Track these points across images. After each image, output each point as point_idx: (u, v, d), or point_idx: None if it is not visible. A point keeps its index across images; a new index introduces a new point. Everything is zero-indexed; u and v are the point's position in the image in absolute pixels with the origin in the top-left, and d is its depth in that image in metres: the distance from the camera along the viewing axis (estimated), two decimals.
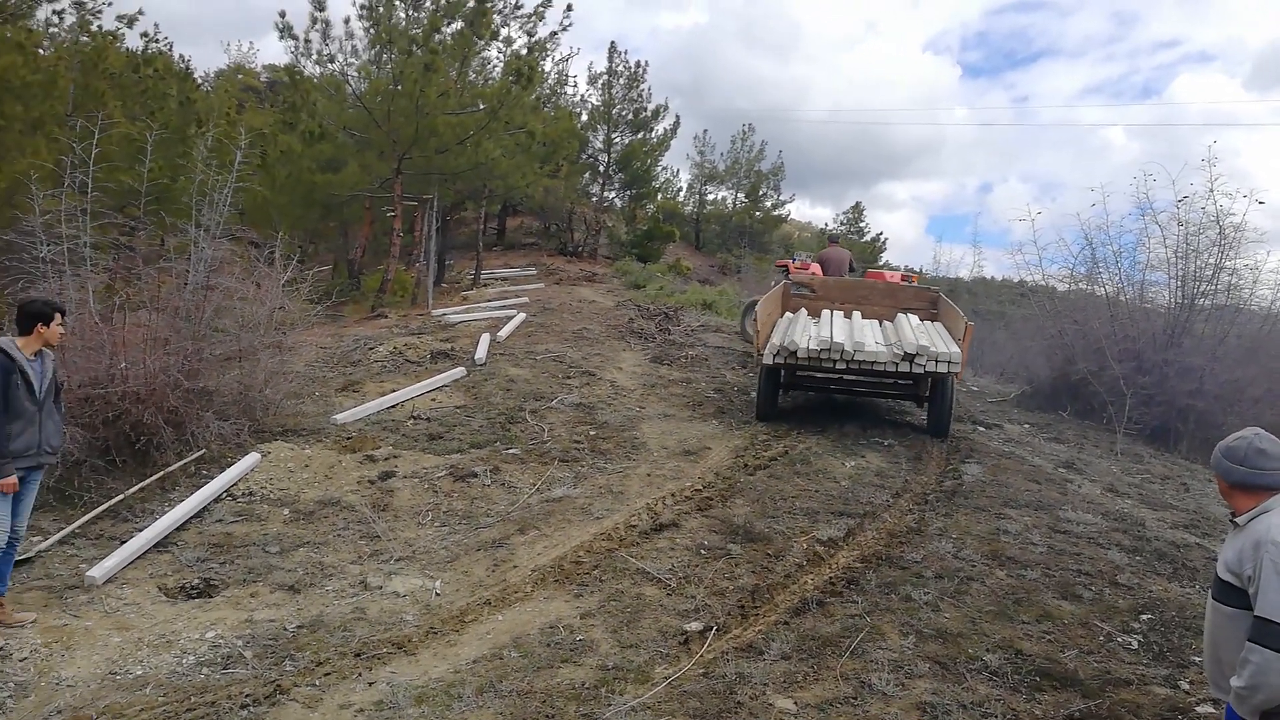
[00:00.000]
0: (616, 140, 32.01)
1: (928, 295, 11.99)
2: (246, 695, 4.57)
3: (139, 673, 4.79)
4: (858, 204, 37.72)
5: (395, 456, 8.43)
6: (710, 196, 38.28)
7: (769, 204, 37.81)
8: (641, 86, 31.16)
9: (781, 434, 9.63)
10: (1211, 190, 12.52)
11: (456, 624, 5.51)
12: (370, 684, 4.76)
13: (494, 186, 25.67)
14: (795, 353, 9.48)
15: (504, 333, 14.63)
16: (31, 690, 4.55)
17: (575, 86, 32.91)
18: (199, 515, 6.97)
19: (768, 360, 9.70)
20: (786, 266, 14.94)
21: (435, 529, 7.10)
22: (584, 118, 31.15)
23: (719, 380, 12.38)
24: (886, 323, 11.07)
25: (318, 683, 4.75)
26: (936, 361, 9.32)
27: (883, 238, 42.67)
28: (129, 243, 8.84)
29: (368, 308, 20.79)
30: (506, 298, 20.67)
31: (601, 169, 32.37)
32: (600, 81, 30.99)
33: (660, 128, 32.27)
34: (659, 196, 35.59)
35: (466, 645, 5.24)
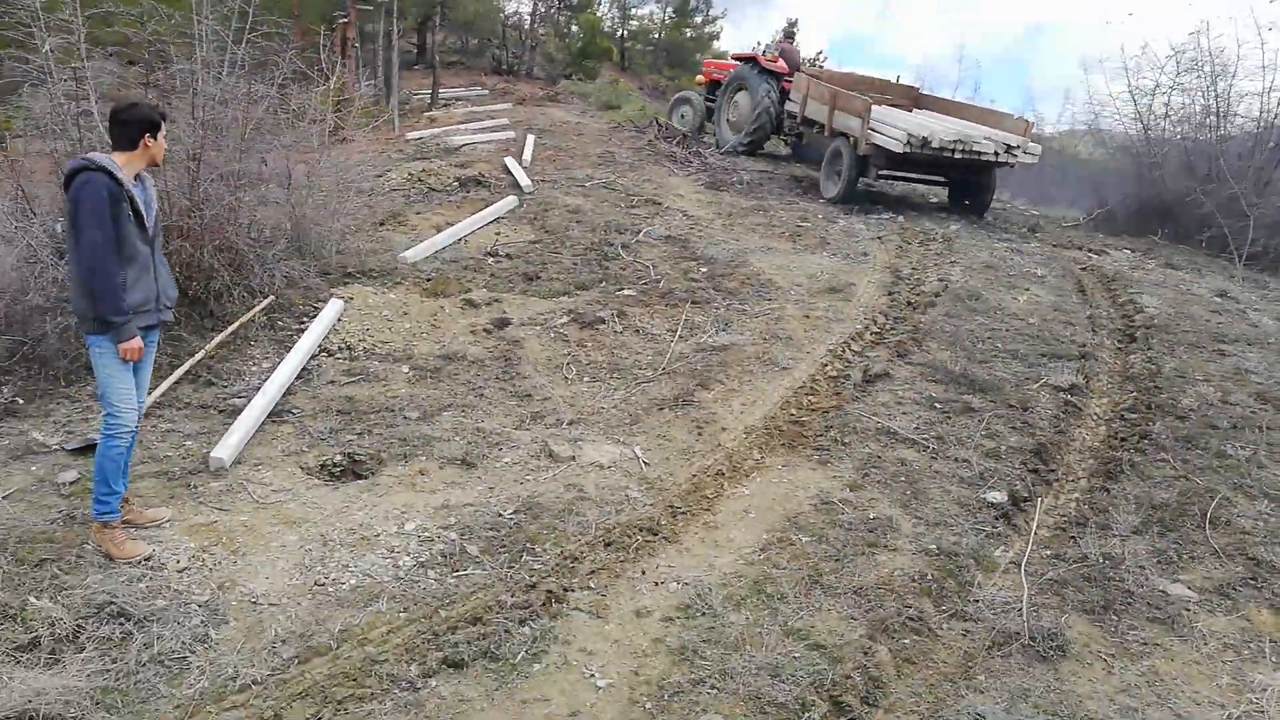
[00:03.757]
0: None
1: (911, 92, 14.19)
2: (512, 605, 3.69)
3: (352, 582, 3.84)
4: (794, 21, 34.83)
5: (498, 301, 7.30)
6: (635, 12, 35.12)
7: (699, 20, 34.97)
8: None
9: (920, 268, 8.78)
10: None
11: (699, 500, 4.67)
12: (656, 583, 3.93)
13: None
14: (930, 141, 10.48)
15: (527, 156, 13.16)
16: (228, 613, 3.57)
17: None
18: (301, 376, 5.83)
19: (897, 149, 10.61)
20: (755, 59, 15.27)
21: (587, 385, 6.13)
22: None
23: (796, 208, 11.36)
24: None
25: (592, 585, 3.89)
26: (1026, 152, 11.04)
27: (822, 56, 39.93)
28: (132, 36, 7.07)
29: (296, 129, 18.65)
30: (479, 119, 18.72)
31: None
32: None
33: None
34: (585, 12, 32.59)
35: (733, 528, 4.42)
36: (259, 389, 5.51)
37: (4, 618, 3.32)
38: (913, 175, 12.45)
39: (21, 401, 5.24)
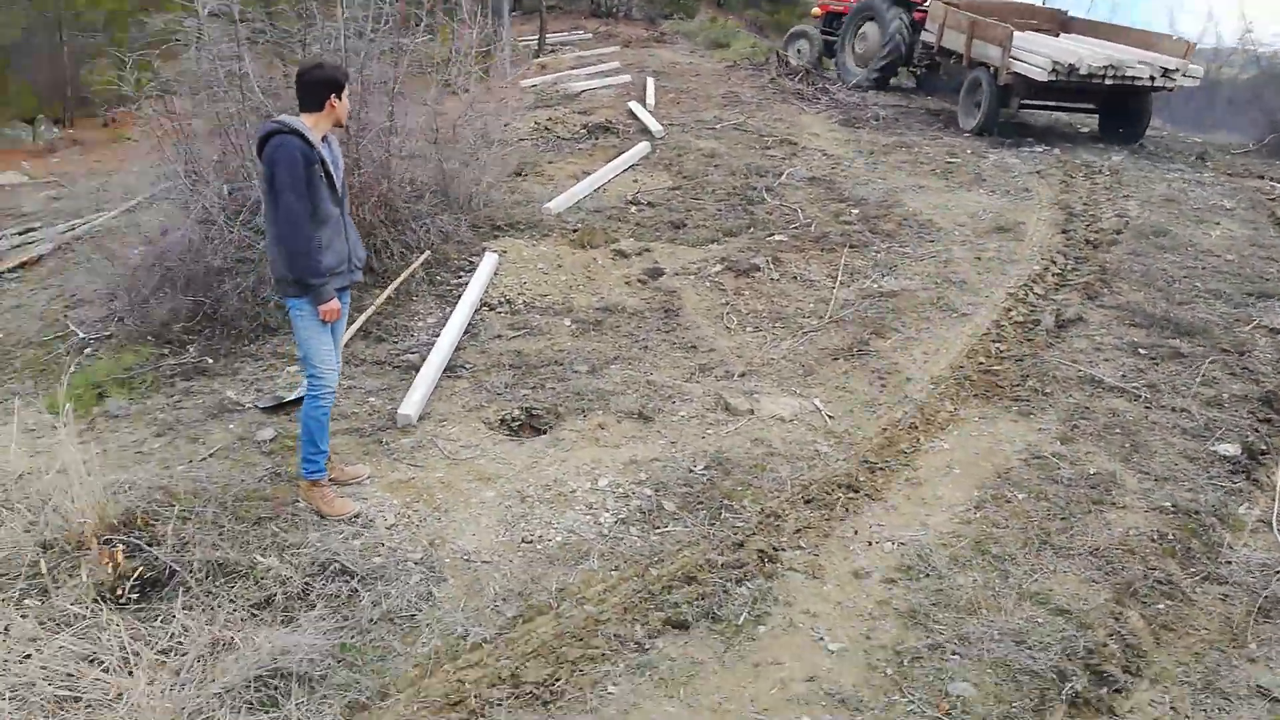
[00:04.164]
0: None
1: (1058, 16, 13.20)
2: (724, 565, 3.61)
3: (558, 539, 3.82)
4: None
5: (647, 250, 7.18)
6: None
7: None
8: None
9: (1092, 204, 8.22)
10: None
11: (895, 455, 4.49)
12: (870, 543, 3.79)
13: None
14: (1077, 68, 9.86)
15: (650, 100, 12.92)
16: (444, 571, 3.60)
17: None
18: (466, 330, 5.85)
19: (1041, 77, 10.03)
20: None
21: (751, 334, 5.97)
22: None
23: (940, 143, 10.80)
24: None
25: (803, 544, 3.77)
26: (1187, 75, 10.26)
27: None
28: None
29: (438, 82, 18.80)
30: (590, 64, 18.44)
31: None
32: None
33: None
34: None
35: (939, 484, 4.22)
36: (429, 344, 5.57)
37: (237, 576, 3.42)
38: (1060, 105, 11.81)
39: (210, 360, 5.42)
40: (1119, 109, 11.59)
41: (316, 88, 3.73)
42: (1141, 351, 5.32)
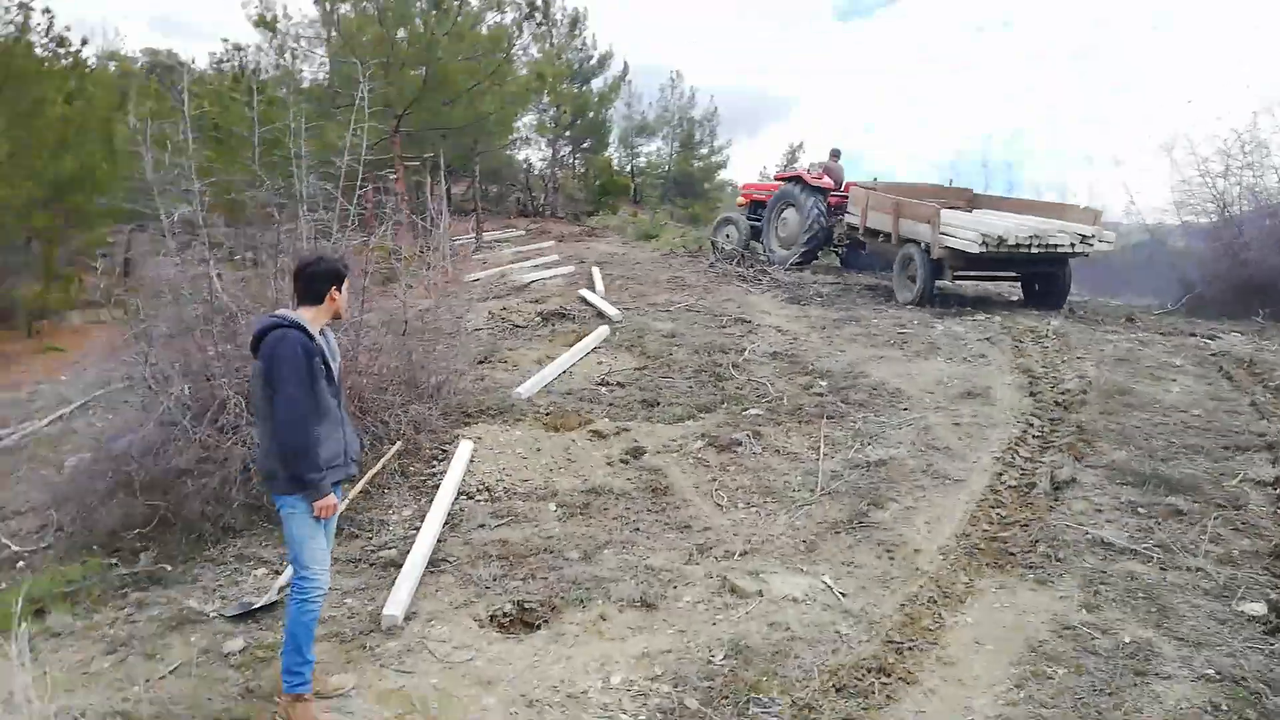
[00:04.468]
0: (564, 88, 30.20)
1: (966, 194, 14.23)
2: None
3: None
4: (799, 144, 33.89)
5: (625, 430, 7.06)
6: (642, 149, 35.73)
7: (705, 151, 35.58)
8: (583, 34, 29.69)
9: (1050, 366, 8.44)
10: None
11: (919, 633, 4.25)
12: None
13: (483, 143, 24.19)
14: (1005, 239, 10.48)
15: (599, 287, 13.27)
16: None
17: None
18: (446, 522, 5.56)
19: (973, 250, 10.62)
20: (799, 177, 15.83)
21: (745, 511, 5.79)
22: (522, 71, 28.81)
23: (887, 316, 11.16)
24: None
25: None
26: (1101, 240, 11.07)
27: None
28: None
29: (379, 281, 19.04)
30: (530, 258, 19.07)
31: (552, 123, 30.48)
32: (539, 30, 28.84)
33: (607, 76, 31.03)
34: (599, 154, 33.47)
35: (972, 662, 3.99)
36: (406, 538, 5.28)
37: None
38: (989, 274, 12.58)
39: (167, 568, 4.99)
40: (1041, 276, 12.29)
41: (317, 281, 3.74)
42: (1141, 511, 5.28)
